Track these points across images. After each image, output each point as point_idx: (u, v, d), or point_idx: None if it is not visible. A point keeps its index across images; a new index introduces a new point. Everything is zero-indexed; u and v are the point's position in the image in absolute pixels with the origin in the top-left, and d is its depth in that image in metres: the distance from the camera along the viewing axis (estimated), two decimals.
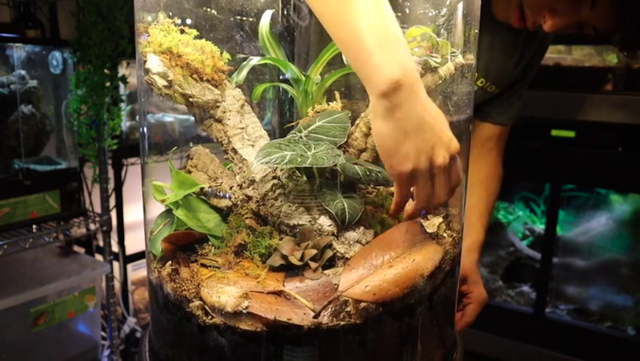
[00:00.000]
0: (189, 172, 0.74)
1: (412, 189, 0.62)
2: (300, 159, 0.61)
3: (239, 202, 0.70)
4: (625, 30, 0.92)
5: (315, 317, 0.56)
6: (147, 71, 0.66)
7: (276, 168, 0.67)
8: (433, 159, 0.58)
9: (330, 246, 0.64)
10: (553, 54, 1.93)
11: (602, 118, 1.65)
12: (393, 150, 0.58)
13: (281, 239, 0.65)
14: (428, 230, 0.72)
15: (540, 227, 2.12)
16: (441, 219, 0.75)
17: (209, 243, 0.69)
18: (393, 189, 0.72)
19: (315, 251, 0.62)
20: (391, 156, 0.58)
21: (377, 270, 0.58)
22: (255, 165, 0.61)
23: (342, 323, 0.57)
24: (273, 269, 0.63)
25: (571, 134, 1.79)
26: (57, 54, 1.68)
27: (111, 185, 1.85)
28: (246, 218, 0.68)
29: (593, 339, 1.81)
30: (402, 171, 0.59)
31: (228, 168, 0.74)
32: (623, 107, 1.61)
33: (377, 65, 0.54)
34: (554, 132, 1.82)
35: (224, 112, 0.70)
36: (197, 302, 0.60)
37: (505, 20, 1.02)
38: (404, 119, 0.56)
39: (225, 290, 0.58)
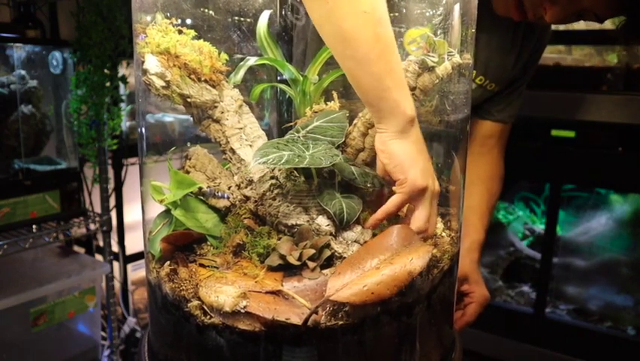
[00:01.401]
0: (187, 172, 0.74)
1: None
2: (297, 160, 0.61)
3: (237, 202, 0.70)
4: (626, 15, 0.91)
5: (304, 321, 0.56)
6: (145, 72, 0.66)
7: (274, 168, 0.67)
8: (434, 184, 0.66)
9: (328, 246, 0.64)
10: (553, 54, 1.92)
11: (602, 118, 1.64)
12: (410, 164, 0.64)
13: (279, 239, 0.66)
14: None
15: (540, 227, 2.11)
16: (439, 223, 0.75)
17: (208, 243, 0.69)
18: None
19: (313, 251, 0.62)
20: (408, 169, 0.64)
21: (364, 274, 0.58)
22: (252, 165, 0.62)
23: (341, 322, 0.57)
24: (272, 269, 0.63)
25: (571, 134, 1.79)
26: (57, 54, 1.68)
27: (111, 185, 1.85)
28: (244, 218, 0.69)
29: (593, 339, 1.81)
30: (416, 184, 0.64)
31: (226, 168, 0.74)
32: (623, 107, 1.61)
33: (398, 103, 0.62)
34: (554, 132, 1.81)
35: (223, 112, 0.70)
36: (195, 302, 0.60)
37: (505, 15, 1.01)
38: (417, 143, 0.65)
39: (224, 290, 0.58)
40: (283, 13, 0.82)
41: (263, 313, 0.56)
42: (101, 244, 1.87)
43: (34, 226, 1.61)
